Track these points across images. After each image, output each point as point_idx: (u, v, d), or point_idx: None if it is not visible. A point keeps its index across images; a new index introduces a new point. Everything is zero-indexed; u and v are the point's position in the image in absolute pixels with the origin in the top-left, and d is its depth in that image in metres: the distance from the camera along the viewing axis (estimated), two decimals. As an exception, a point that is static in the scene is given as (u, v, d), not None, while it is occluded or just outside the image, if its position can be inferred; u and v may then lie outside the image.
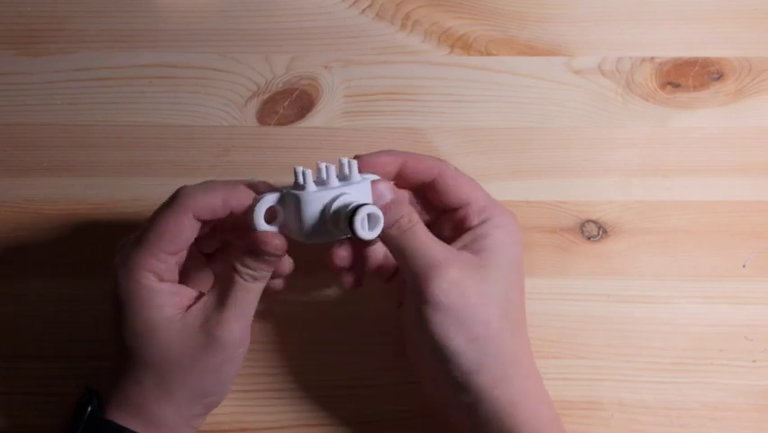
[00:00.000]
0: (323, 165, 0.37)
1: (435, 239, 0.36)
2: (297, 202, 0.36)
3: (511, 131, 0.47)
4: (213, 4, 0.50)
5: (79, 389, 0.37)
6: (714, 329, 0.43)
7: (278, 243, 0.36)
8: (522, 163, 0.47)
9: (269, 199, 0.36)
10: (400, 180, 0.39)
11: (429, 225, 0.38)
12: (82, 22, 0.50)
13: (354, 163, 0.37)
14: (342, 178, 0.37)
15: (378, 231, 0.35)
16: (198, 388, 0.36)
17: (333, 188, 0.36)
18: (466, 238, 0.37)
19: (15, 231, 0.45)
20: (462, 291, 0.35)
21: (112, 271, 0.37)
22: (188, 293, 0.37)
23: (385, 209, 0.36)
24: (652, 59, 0.49)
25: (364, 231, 0.35)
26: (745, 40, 0.49)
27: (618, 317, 0.43)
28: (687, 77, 0.48)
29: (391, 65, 0.49)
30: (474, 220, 0.38)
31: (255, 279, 0.36)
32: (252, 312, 0.37)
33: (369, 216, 0.35)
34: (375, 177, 0.38)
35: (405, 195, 0.39)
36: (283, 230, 0.37)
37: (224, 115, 0.48)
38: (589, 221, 0.46)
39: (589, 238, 0.45)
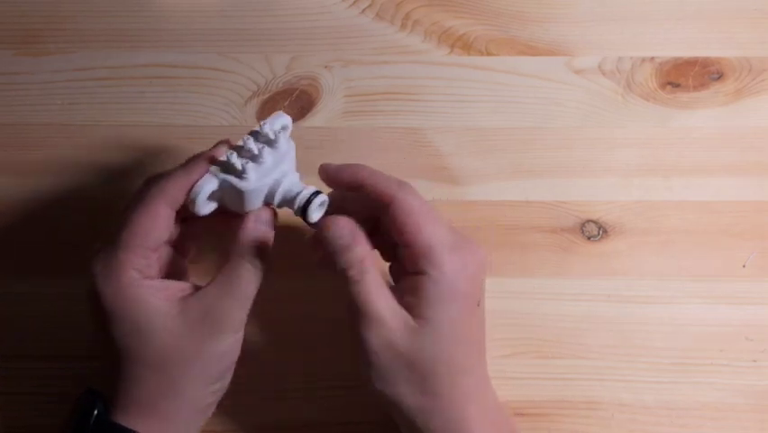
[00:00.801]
0: (257, 147, 0.36)
1: (380, 291, 0.35)
2: (239, 192, 0.36)
3: (511, 131, 0.47)
4: (213, 4, 0.50)
5: (78, 389, 0.37)
6: (714, 329, 0.43)
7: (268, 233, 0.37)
8: (522, 163, 0.47)
9: (208, 189, 0.36)
10: (359, 201, 0.38)
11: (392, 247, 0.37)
12: (82, 21, 0.50)
13: (281, 135, 0.37)
14: (267, 142, 0.37)
15: (323, 211, 0.37)
16: (206, 376, 0.36)
17: (270, 170, 0.36)
18: (405, 284, 0.36)
19: (15, 231, 0.45)
20: (394, 354, 0.34)
21: (90, 276, 0.36)
22: (178, 286, 0.37)
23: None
24: (652, 58, 0.49)
25: (317, 216, 0.36)
26: (745, 40, 0.49)
27: (618, 318, 0.43)
28: (687, 77, 0.48)
29: (391, 65, 0.49)
30: (410, 267, 0.35)
31: (260, 264, 0.36)
32: (252, 300, 0.37)
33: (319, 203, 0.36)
34: (284, 125, 0.38)
35: (360, 238, 0.35)
36: (221, 204, 0.37)
37: (224, 115, 0.48)
38: (589, 221, 0.46)
39: (589, 238, 0.45)
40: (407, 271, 0.36)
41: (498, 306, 0.40)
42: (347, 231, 0.35)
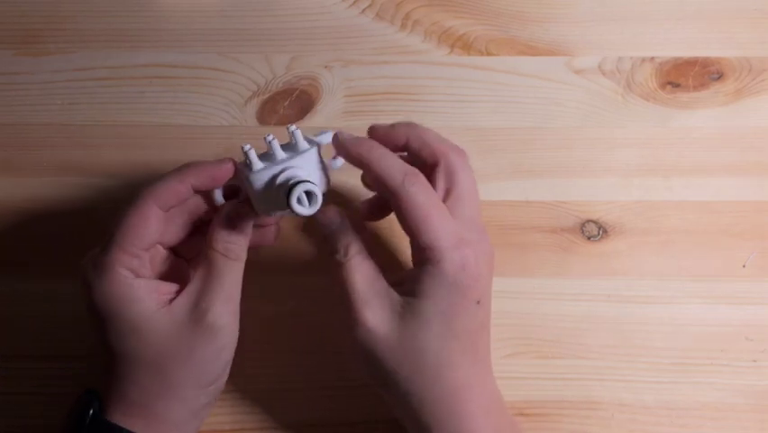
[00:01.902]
0: (268, 138, 0.36)
1: (365, 273, 0.36)
2: (246, 179, 0.36)
3: (511, 131, 0.47)
4: (213, 4, 0.50)
5: (78, 389, 0.37)
6: (714, 329, 0.43)
7: (244, 210, 0.37)
8: (522, 163, 0.47)
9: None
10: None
11: None
12: (82, 21, 0.50)
13: (298, 132, 0.37)
14: (290, 149, 0.37)
15: (317, 207, 0.35)
16: (201, 377, 0.36)
17: (279, 162, 0.36)
18: (408, 273, 0.36)
19: (15, 231, 0.45)
20: (379, 336, 0.35)
21: (81, 277, 0.36)
22: (167, 288, 0.37)
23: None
24: (652, 58, 0.49)
25: (302, 207, 0.35)
26: (745, 40, 0.49)
27: (618, 318, 0.43)
28: (687, 77, 0.48)
29: (391, 65, 0.49)
30: (414, 257, 0.36)
31: (234, 253, 0.36)
32: (238, 294, 0.37)
33: (307, 193, 0.35)
34: (323, 141, 0.38)
35: (346, 226, 0.37)
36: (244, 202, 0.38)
37: (224, 115, 0.48)
38: (589, 221, 0.45)
39: (589, 238, 0.45)
40: (413, 261, 0.36)
41: (498, 306, 0.40)
42: (334, 219, 0.37)
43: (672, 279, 0.44)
